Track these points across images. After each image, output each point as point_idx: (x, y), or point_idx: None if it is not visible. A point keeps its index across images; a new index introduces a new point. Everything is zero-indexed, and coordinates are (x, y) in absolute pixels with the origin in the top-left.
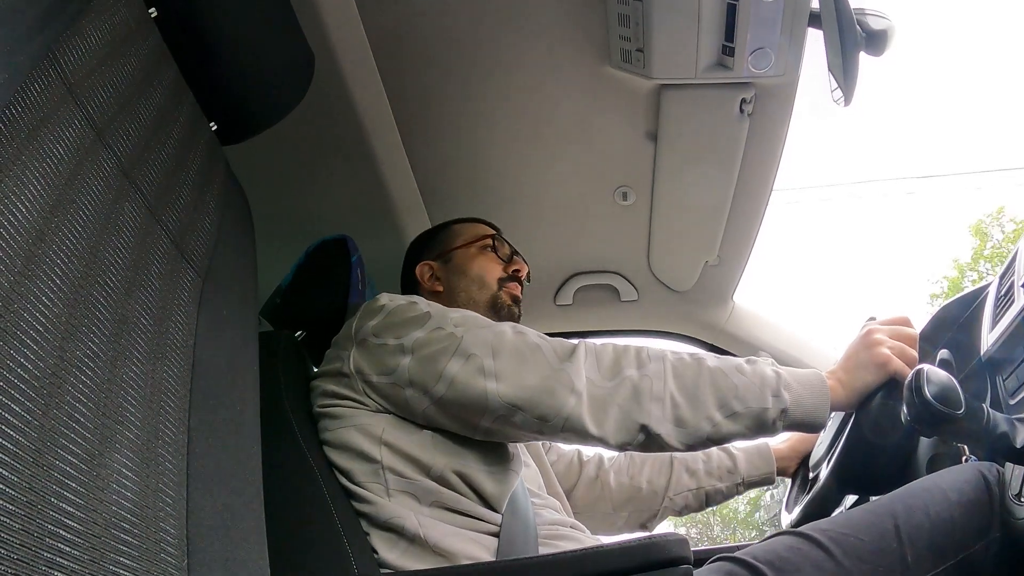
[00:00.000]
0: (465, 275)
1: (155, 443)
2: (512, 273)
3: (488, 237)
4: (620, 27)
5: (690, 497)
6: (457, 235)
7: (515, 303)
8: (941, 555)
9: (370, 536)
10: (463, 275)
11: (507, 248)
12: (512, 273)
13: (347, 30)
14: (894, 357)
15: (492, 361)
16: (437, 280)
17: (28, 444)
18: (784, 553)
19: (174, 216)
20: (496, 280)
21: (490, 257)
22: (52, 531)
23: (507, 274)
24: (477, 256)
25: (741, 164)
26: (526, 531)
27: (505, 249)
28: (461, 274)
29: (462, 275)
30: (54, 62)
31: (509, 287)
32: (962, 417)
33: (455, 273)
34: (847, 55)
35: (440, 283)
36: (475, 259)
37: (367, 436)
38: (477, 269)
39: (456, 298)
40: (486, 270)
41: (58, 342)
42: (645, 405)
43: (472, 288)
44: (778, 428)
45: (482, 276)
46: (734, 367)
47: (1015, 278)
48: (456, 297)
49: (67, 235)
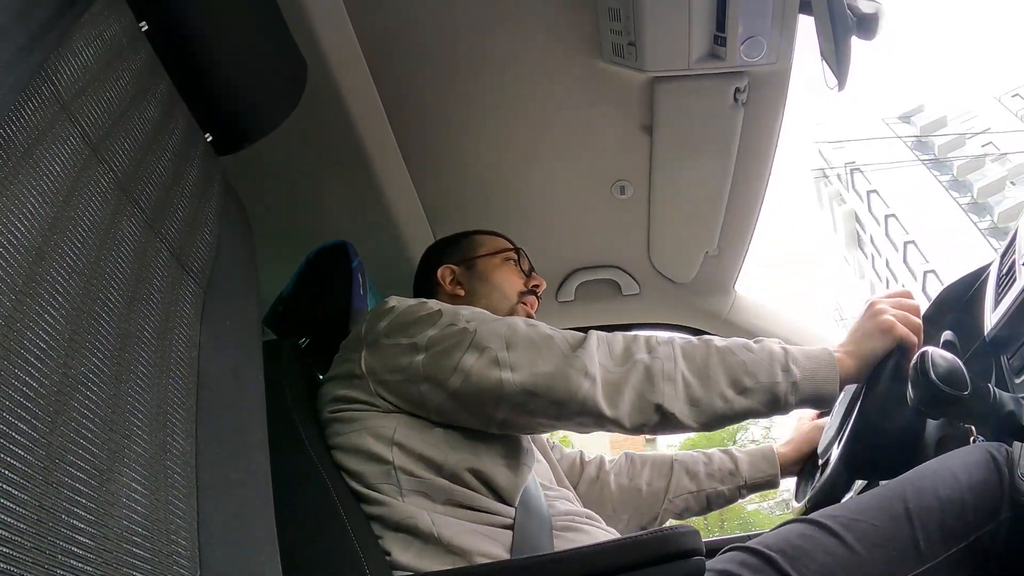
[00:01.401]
0: (487, 282)
1: (163, 456)
2: (531, 288)
3: (512, 251)
4: (611, 21)
5: (691, 500)
6: (480, 244)
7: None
8: (953, 537)
9: (383, 539)
10: (485, 282)
11: (528, 264)
12: (531, 288)
13: (338, 35)
14: (898, 323)
15: (506, 353)
16: (459, 284)
17: (36, 462)
18: (796, 541)
19: (173, 229)
20: (517, 292)
21: (512, 270)
22: (64, 548)
23: (527, 288)
24: (500, 267)
25: (737, 153)
26: (540, 523)
27: (526, 264)
28: (483, 281)
29: (484, 282)
30: (47, 80)
31: (527, 301)
32: (968, 398)
33: (478, 280)
34: (839, 40)
35: (461, 287)
36: (498, 269)
37: (378, 438)
38: (500, 279)
39: (476, 304)
40: (508, 281)
41: (62, 359)
42: (658, 385)
43: (494, 295)
44: (791, 403)
45: (504, 286)
46: (742, 345)
47: (1016, 257)
48: (476, 303)
49: (67, 252)
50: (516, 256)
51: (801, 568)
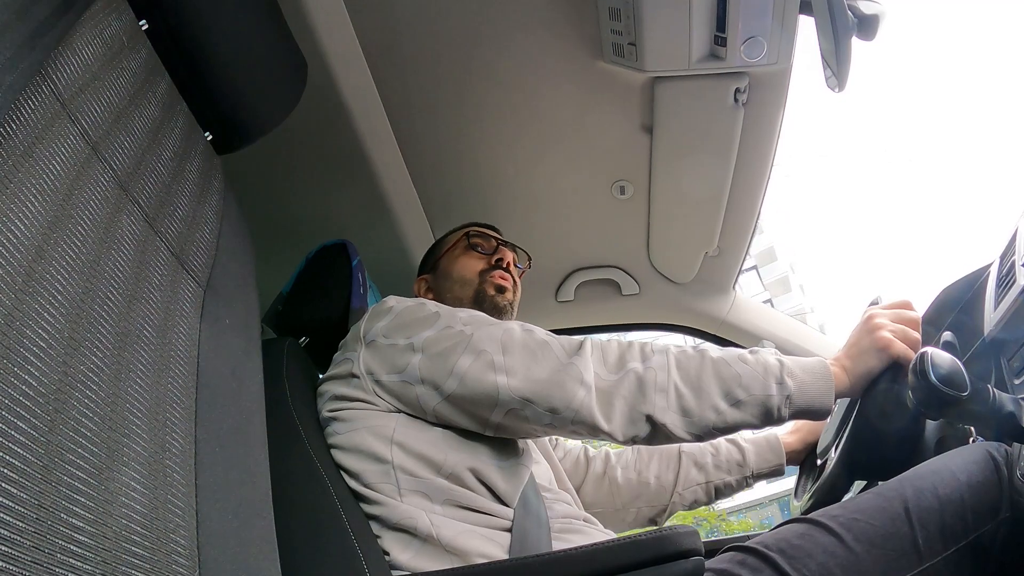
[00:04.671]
0: (448, 278)
1: (162, 455)
2: (495, 264)
3: (465, 235)
4: (611, 21)
5: (699, 491)
6: (444, 244)
7: (499, 292)
8: (952, 537)
9: (382, 538)
10: (447, 278)
11: (491, 242)
12: (495, 264)
13: (338, 34)
14: (896, 340)
15: (502, 357)
16: (430, 291)
17: (36, 461)
18: (795, 540)
19: (173, 227)
20: (477, 273)
21: (470, 255)
22: (63, 547)
23: (490, 265)
24: (459, 257)
25: (737, 154)
26: (539, 525)
27: (488, 243)
28: (445, 278)
29: (446, 278)
30: (47, 78)
31: (492, 277)
32: (968, 398)
33: (441, 279)
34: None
35: (432, 292)
36: (457, 260)
37: (378, 437)
38: (458, 269)
39: (445, 302)
40: (466, 267)
41: (61, 358)
42: (650, 396)
43: (456, 288)
44: (784, 416)
45: (462, 274)
46: (737, 357)
47: (1016, 258)
48: (444, 301)
49: (66, 251)
50: (469, 240)
51: (800, 568)
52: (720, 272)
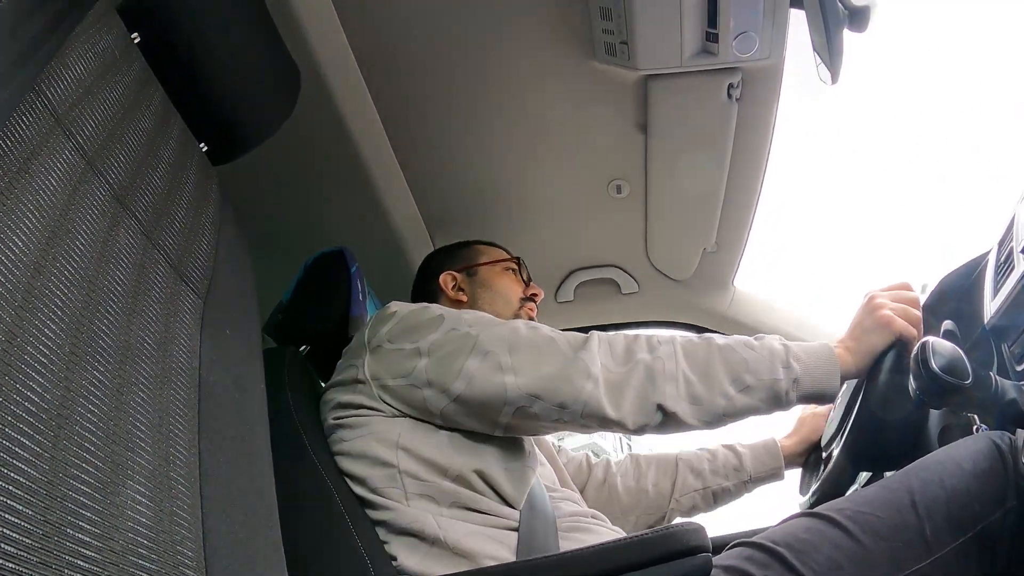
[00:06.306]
0: (490, 289)
1: (167, 468)
2: (531, 296)
3: (513, 261)
4: (603, 21)
5: (697, 497)
6: (482, 253)
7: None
8: (960, 527)
9: (389, 544)
10: (488, 289)
11: (527, 274)
12: (531, 296)
13: (330, 41)
14: (897, 317)
15: (509, 357)
16: (461, 291)
17: (40, 477)
18: (802, 535)
19: (171, 240)
20: (518, 299)
21: (513, 278)
22: (70, 561)
23: (526, 296)
24: (502, 275)
25: (733, 149)
26: (546, 525)
27: (525, 274)
28: (486, 288)
29: (487, 289)
30: (41, 94)
31: (528, 307)
32: (970, 387)
33: (480, 286)
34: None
35: (464, 294)
36: (500, 277)
37: (383, 442)
38: (502, 286)
39: (480, 309)
40: (510, 289)
41: (63, 373)
42: (660, 385)
43: (498, 301)
44: (792, 399)
45: (507, 294)
46: (743, 343)
47: (1014, 244)
48: (480, 308)
49: (65, 266)
50: (516, 266)
51: (808, 562)
52: (719, 268)
